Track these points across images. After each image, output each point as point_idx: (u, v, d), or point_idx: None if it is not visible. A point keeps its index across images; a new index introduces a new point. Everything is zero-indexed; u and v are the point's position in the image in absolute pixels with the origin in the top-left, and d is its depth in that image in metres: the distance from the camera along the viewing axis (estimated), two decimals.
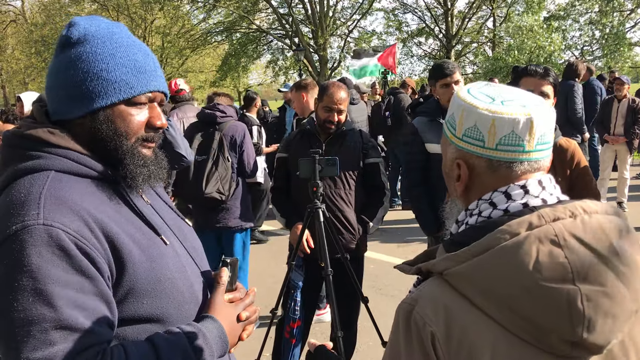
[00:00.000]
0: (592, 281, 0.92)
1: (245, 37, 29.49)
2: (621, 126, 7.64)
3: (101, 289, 1.14)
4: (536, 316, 0.92)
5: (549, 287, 0.91)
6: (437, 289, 1.00)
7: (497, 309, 0.94)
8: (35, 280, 1.07)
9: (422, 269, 1.06)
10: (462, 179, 1.09)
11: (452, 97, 1.12)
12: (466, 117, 1.05)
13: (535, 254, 0.92)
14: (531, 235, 0.94)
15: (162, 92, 1.33)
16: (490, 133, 1.02)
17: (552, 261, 0.92)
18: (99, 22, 1.29)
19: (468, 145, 1.06)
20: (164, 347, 1.19)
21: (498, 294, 0.93)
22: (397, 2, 28.68)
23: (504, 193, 1.03)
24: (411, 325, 0.98)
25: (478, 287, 0.95)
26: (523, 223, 0.95)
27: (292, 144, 3.41)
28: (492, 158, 1.04)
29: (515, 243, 0.94)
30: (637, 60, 27.18)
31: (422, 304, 0.98)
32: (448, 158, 1.12)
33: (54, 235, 1.09)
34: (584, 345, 0.93)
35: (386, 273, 5.65)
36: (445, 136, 1.13)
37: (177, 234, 1.40)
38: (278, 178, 3.48)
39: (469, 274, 0.96)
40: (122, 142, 1.27)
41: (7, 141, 1.27)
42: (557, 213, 0.97)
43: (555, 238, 0.93)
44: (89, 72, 1.23)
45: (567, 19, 26.52)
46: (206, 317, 1.32)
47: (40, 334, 1.06)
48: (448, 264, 0.99)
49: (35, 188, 1.16)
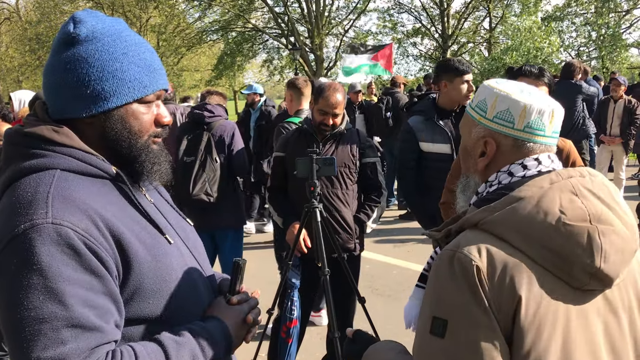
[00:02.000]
0: (605, 222, 1.13)
1: (241, 36, 29.44)
2: (617, 127, 7.66)
3: (110, 288, 1.14)
4: (564, 249, 1.10)
5: (573, 225, 1.10)
6: (476, 235, 1.15)
7: (531, 247, 1.11)
8: (46, 278, 1.06)
9: (454, 229, 1.22)
10: (488, 154, 1.27)
11: (481, 86, 1.31)
12: (500, 101, 1.24)
13: (559, 201, 1.13)
14: (554, 187, 1.15)
15: (164, 90, 1.35)
16: (521, 116, 1.22)
17: (573, 206, 1.12)
18: (103, 19, 1.27)
19: (498, 126, 1.25)
20: (172, 347, 1.19)
21: (532, 233, 1.11)
22: (393, 1, 28.72)
23: (520, 164, 1.23)
24: (454, 264, 1.11)
25: (515, 229, 1.12)
26: (545, 179, 1.17)
27: (289, 143, 3.39)
28: (518, 138, 1.24)
29: (542, 193, 1.14)
30: (632, 61, 27.30)
31: (464, 246, 1.12)
32: (472, 137, 1.29)
33: (63, 234, 1.09)
34: (599, 277, 1.12)
35: (382, 273, 5.64)
36: (470, 118, 1.31)
37: (180, 233, 1.40)
38: (275, 177, 3.46)
39: (506, 219, 1.13)
40: (136, 140, 1.27)
41: (10, 139, 1.25)
42: (570, 172, 1.19)
43: (573, 189, 1.15)
44: (104, 71, 1.21)
45: (563, 20, 26.62)
46: (211, 318, 1.32)
47: (51, 333, 1.05)
48: (484, 215, 1.16)
49: (42, 187, 1.15)
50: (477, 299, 1.08)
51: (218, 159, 4.05)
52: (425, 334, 1.13)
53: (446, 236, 1.25)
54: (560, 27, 26.09)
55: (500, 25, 26.68)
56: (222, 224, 4.11)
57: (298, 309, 3.20)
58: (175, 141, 4.09)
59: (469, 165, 1.33)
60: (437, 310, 1.12)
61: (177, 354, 1.18)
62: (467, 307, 1.08)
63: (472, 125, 1.30)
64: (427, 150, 3.43)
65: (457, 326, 1.09)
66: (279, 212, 3.39)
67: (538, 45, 20.78)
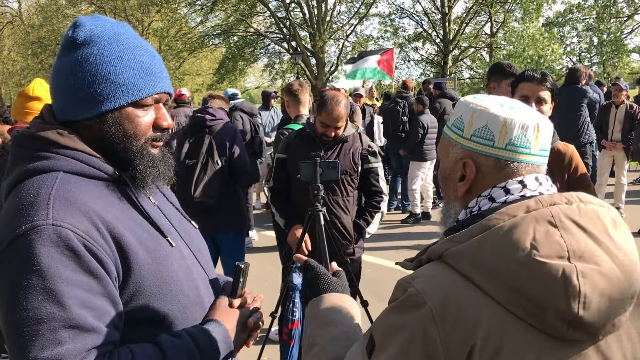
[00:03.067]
0: (588, 260, 0.95)
1: (243, 40, 29.50)
2: (619, 132, 7.66)
3: (109, 289, 1.14)
4: (532, 291, 0.93)
5: (546, 262, 0.93)
6: (436, 269, 1.02)
7: (494, 286, 0.95)
8: (45, 279, 1.07)
9: (424, 259, 1.09)
10: (467, 178, 1.12)
11: (458, 102, 1.18)
12: (477, 117, 1.10)
13: (532, 233, 0.96)
14: (528, 217, 0.98)
15: (167, 93, 1.33)
16: (502, 133, 1.07)
17: (548, 239, 0.95)
18: (104, 23, 1.28)
19: (476, 145, 1.10)
20: (170, 349, 1.19)
21: (496, 271, 0.95)
22: (394, 6, 28.79)
23: (502, 188, 1.08)
24: (405, 299, 1.00)
25: (476, 265, 0.97)
26: (521, 206, 1.00)
27: (291, 145, 3.40)
28: (499, 157, 1.08)
29: (513, 223, 0.97)
30: (634, 66, 27.31)
31: (419, 280, 1.00)
32: (450, 160, 1.15)
33: (63, 235, 1.09)
34: (580, 325, 0.94)
35: (384, 277, 5.64)
36: (447, 139, 1.17)
37: (183, 236, 1.40)
38: (277, 179, 3.46)
39: (467, 253, 0.98)
40: (131, 143, 1.27)
41: (17, 141, 1.27)
42: (553, 199, 1.02)
43: (552, 219, 0.98)
44: (97, 75, 1.22)
45: (565, 26, 26.66)
46: (211, 320, 1.32)
47: (49, 333, 1.06)
48: (447, 246, 1.02)
49: (44, 189, 1.16)
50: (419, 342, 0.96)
51: (220, 162, 4.06)
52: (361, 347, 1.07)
53: (417, 267, 1.11)
54: (561, 32, 26.12)
55: (501, 30, 26.71)
56: (223, 226, 4.11)
57: (300, 310, 3.20)
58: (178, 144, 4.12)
59: (449, 191, 1.18)
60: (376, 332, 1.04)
61: (175, 355, 1.18)
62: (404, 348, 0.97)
63: (449, 146, 1.16)
64: None
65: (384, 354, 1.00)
66: (282, 214, 3.40)
67: (540, 52, 20.79)
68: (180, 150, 4.07)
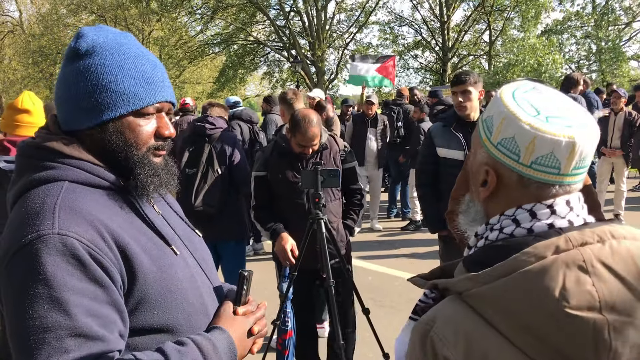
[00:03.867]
0: (620, 311, 0.89)
1: (243, 48, 29.61)
2: (618, 139, 7.67)
3: (114, 298, 1.15)
4: (560, 344, 0.88)
5: (575, 315, 0.87)
6: (457, 310, 0.95)
7: (519, 335, 0.90)
8: (51, 288, 1.07)
9: (439, 286, 1.02)
10: (488, 187, 1.04)
11: (494, 98, 1.06)
12: (506, 125, 0.99)
13: (562, 280, 0.89)
14: (558, 260, 0.90)
15: (169, 102, 1.34)
16: (528, 150, 0.96)
17: (579, 289, 0.88)
18: (106, 33, 1.29)
19: (501, 155, 1.00)
20: (175, 356, 1.19)
21: (521, 319, 0.89)
22: (394, 15, 28.92)
23: (528, 211, 0.99)
24: (427, 347, 0.94)
25: (501, 311, 0.91)
26: (550, 246, 0.91)
27: (269, 162, 3.36)
28: (523, 175, 0.98)
29: (541, 267, 0.89)
30: (633, 73, 27.39)
31: (440, 326, 0.94)
32: (477, 159, 1.06)
33: (68, 244, 1.10)
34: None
35: (384, 285, 5.64)
36: (478, 135, 1.07)
37: (187, 244, 1.40)
38: (258, 196, 3.41)
39: (491, 297, 0.91)
40: (132, 152, 1.28)
41: (22, 151, 1.29)
42: (584, 237, 0.93)
43: (583, 264, 0.90)
44: (98, 84, 1.24)
45: (563, 33, 26.77)
46: (215, 328, 1.32)
47: (55, 342, 1.06)
48: (468, 285, 0.94)
49: (49, 198, 1.17)
50: None
51: (220, 170, 4.06)
52: None
53: (431, 287, 1.06)
54: (560, 40, 26.22)
55: (500, 38, 26.82)
56: (224, 235, 4.11)
57: (292, 320, 3.22)
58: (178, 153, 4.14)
59: (472, 189, 1.12)
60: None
61: None
62: None
63: (478, 144, 1.07)
64: (442, 156, 3.66)
65: None
66: (265, 227, 3.35)
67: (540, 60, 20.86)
68: (181, 159, 4.08)
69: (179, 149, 4.16)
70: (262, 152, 3.46)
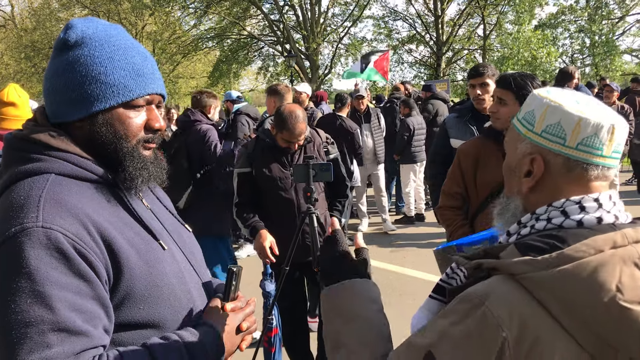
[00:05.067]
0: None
1: (237, 43, 29.52)
2: None
3: (99, 292, 1.13)
4: (611, 335, 0.94)
5: (628, 307, 0.93)
6: (511, 290, 0.98)
7: (572, 321, 0.95)
8: (34, 282, 1.06)
9: (485, 266, 1.04)
10: (534, 175, 1.09)
11: (531, 95, 1.13)
12: (550, 113, 1.06)
13: (618, 274, 0.95)
14: (616, 255, 0.97)
15: (160, 95, 1.33)
16: (574, 132, 1.04)
17: (634, 283, 0.95)
18: (96, 25, 1.28)
19: (547, 142, 1.07)
20: (161, 353, 1.18)
21: (576, 306, 0.94)
22: (388, 9, 28.90)
23: (577, 204, 1.05)
24: (478, 319, 0.96)
25: (557, 297, 0.95)
26: (608, 241, 0.98)
27: (253, 158, 3.33)
28: (570, 157, 1.05)
29: (601, 260, 0.96)
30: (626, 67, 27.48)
31: (493, 302, 0.96)
32: (517, 153, 1.12)
33: (52, 238, 1.09)
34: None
35: (378, 279, 5.63)
36: (515, 132, 1.14)
37: (176, 239, 1.39)
38: (241, 193, 3.37)
39: (549, 282, 0.95)
40: (121, 144, 1.27)
41: (9, 143, 1.27)
42: (638, 234, 1.00)
43: (638, 261, 0.97)
44: (87, 75, 1.22)
45: (557, 27, 26.80)
46: (203, 324, 1.31)
47: (37, 336, 1.05)
48: (526, 268, 0.97)
49: (34, 191, 1.15)
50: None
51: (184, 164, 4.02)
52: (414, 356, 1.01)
53: (474, 268, 1.07)
54: (554, 34, 26.26)
55: (495, 32, 26.83)
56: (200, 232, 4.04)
57: (276, 317, 3.22)
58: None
59: (512, 185, 1.16)
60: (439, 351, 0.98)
61: (164, 358, 1.18)
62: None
63: (517, 140, 1.13)
64: (455, 147, 3.60)
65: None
66: (245, 224, 3.32)
67: (534, 53, 20.89)
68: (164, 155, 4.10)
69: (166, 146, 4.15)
70: (245, 148, 3.42)
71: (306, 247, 3.12)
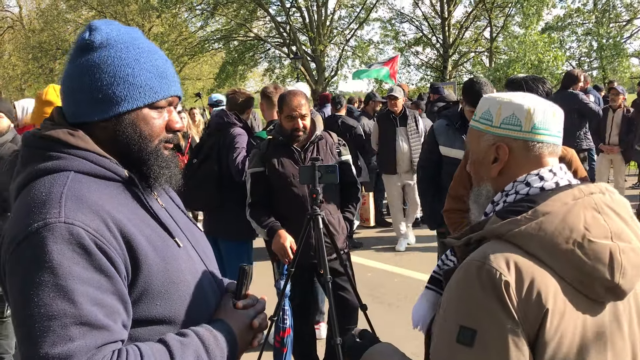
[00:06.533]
0: (624, 239, 1.17)
1: (243, 45, 29.57)
2: (616, 136, 7.69)
3: (118, 288, 1.16)
4: (587, 266, 1.13)
5: (597, 242, 1.14)
6: (503, 247, 1.17)
7: (556, 261, 1.14)
8: (57, 276, 1.08)
9: (474, 239, 1.24)
10: (501, 159, 1.30)
11: (483, 98, 1.37)
12: (505, 108, 1.30)
13: (583, 217, 1.16)
14: (577, 204, 1.18)
15: (178, 96, 1.37)
16: (527, 119, 1.28)
17: (596, 223, 1.16)
18: (118, 27, 1.31)
19: (507, 131, 1.30)
20: (177, 347, 1.20)
21: (558, 248, 1.14)
22: (395, 11, 28.87)
23: (537, 175, 1.27)
24: (483, 277, 1.13)
25: (541, 244, 1.14)
26: (569, 195, 1.20)
27: (267, 157, 3.35)
28: (527, 139, 1.28)
29: (567, 209, 1.17)
30: (634, 70, 27.37)
31: (492, 259, 1.14)
32: (482, 147, 1.34)
33: (74, 233, 1.11)
34: (616, 291, 1.16)
35: (383, 281, 5.65)
36: (476, 131, 1.36)
37: (189, 237, 1.42)
38: (255, 193, 3.40)
39: (532, 233, 1.15)
40: (146, 144, 1.31)
41: (27, 142, 1.30)
42: (590, 189, 1.22)
43: (595, 207, 1.19)
44: (115, 76, 1.25)
45: (564, 30, 26.71)
46: (217, 321, 1.34)
47: (60, 330, 1.07)
48: (510, 227, 1.17)
49: (56, 187, 1.18)
50: (506, 310, 1.10)
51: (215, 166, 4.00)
52: (451, 342, 1.14)
53: (466, 244, 1.26)
54: (561, 37, 26.17)
55: (501, 34, 26.76)
56: (222, 233, 4.04)
57: (290, 317, 3.22)
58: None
59: (481, 174, 1.36)
60: (466, 320, 1.13)
61: (181, 354, 1.19)
62: (496, 318, 1.10)
63: (479, 136, 1.34)
64: (445, 154, 3.66)
65: (487, 336, 1.11)
66: (262, 224, 3.33)
67: (541, 56, 20.82)
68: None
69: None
70: (258, 149, 3.45)
71: (313, 249, 3.14)
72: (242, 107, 4.28)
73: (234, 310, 1.38)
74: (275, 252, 3.28)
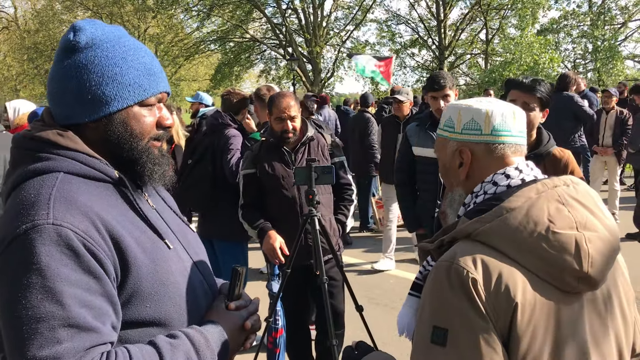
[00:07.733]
0: (590, 228, 1.19)
1: (239, 46, 29.56)
2: (609, 137, 7.72)
3: (107, 289, 1.15)
4: (553, 257, 1.15)
5: (562, 233, 1.16)
6: (471, 246, 1.19)
7: (523, 255, 1.16)
8: (44, 278, 1.07)
9: (446, 240, 1.26)
10: (465, 164, 1.33)
11: (446, 107, 1.40)
12: (464, 115, 1.34)
13: (547, 210, 1.18)
14: (541, 197, 1.20)
15: (166, 92, 1.37)
16: (486, 123, 1.31)
17: (560, 215, 1.18)
18: (102, 26, 1.30)
19: (468, 136, 1.33)
20: (167, 350, 1.20)
21: (523, 242, 1.15)
22: (391, 13, 28.92)
23: (503, 174, 1.30)
24: (452, 276, 1.15)
25: (506, 239, 1.17)
26: (532, 189, 1.22)
27: (258, 159, 3.35)
28: (488, 142, 1.32)
29: (531, 203, 1.19)
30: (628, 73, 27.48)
31: (460, 258, 1.17)
32: (448, 154, 1.37)
33: (63, 234, 1.11)
34: (587, 280, 1.17)
35: (379, 283, 5.65)
36: (441, 139, 1.39)
37: (180, 239, 1.41)
38: (248, 195, 3.40)
39: (498, 230, 1.18)
40: (137, 142, 1.30)
41: (17, 143, 1.29)
42: (554, 182, 1.25)
43: (559, 198, 1.21)
44: (104, 76, 1.25)
45: (559, 32, 26.82)
46: (208, 322, 1.33)
47: (47, 332, 1.06)
48: (476, 226, 1.20)
49: (44, 189, 1.17)
50: (475, 308, 1.12)
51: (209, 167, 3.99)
52: (425, 343, 1.15)
53: (438, 247, 1.28)
54: (556, 39, 26.26)
55: (497, 36, 26.83)
56: (216, 233, 4.03)
57: (282, 318, 3.22)
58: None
59: (451, 180, 1.40)
60: (437, 320, 1.15)
61: (171, 356, 1.19)
62: (466, 315, 1.12)
63: (445, 144, 1.38)
64: (418, 154, 3.75)
65: (458, 334, 1.12)
66: (252, 226, 3.33)
67: (536, 57, 20.90)
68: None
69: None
70: (250, 151, 3.45)
71: (309, 250, 3.13)
72: (237, 108, 4.26)
73: (226, 312, 1.37)
74: (266, 253, 3.28)
